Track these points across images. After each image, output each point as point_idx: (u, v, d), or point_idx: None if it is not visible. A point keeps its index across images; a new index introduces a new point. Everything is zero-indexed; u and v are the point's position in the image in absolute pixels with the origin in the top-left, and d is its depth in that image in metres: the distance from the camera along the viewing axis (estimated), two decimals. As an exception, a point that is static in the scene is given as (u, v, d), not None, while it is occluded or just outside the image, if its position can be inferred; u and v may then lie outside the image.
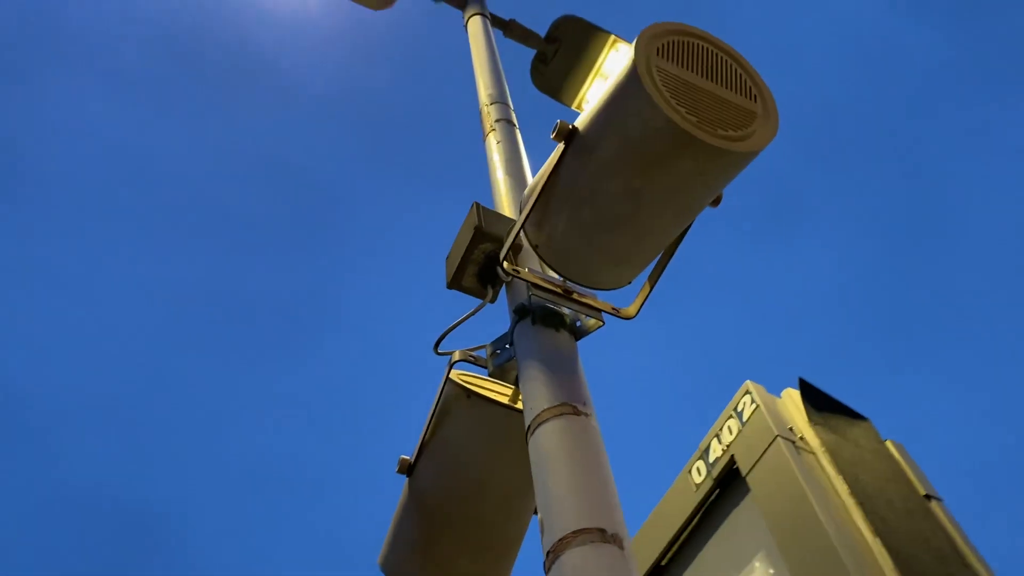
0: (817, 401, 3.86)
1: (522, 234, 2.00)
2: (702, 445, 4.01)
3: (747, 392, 3.88)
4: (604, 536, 1.54)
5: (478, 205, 2.37)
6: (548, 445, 1.68)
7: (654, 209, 1.83)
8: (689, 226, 1.97)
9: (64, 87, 20.63)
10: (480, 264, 2.18)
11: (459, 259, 2.27)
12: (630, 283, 2.07)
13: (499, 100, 3.32)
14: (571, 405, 1.75)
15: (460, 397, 2.11)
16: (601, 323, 2.05)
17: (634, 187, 1.79)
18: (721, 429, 3.93)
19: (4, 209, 20.45)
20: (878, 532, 3.25)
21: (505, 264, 2.02)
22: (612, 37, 4.63)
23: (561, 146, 1.88)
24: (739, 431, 3.82)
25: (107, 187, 21.39)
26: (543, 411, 1.76)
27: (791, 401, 3.89)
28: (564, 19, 4.66)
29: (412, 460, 2.20)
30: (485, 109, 3.28)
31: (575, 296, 2.04)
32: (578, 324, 2.07)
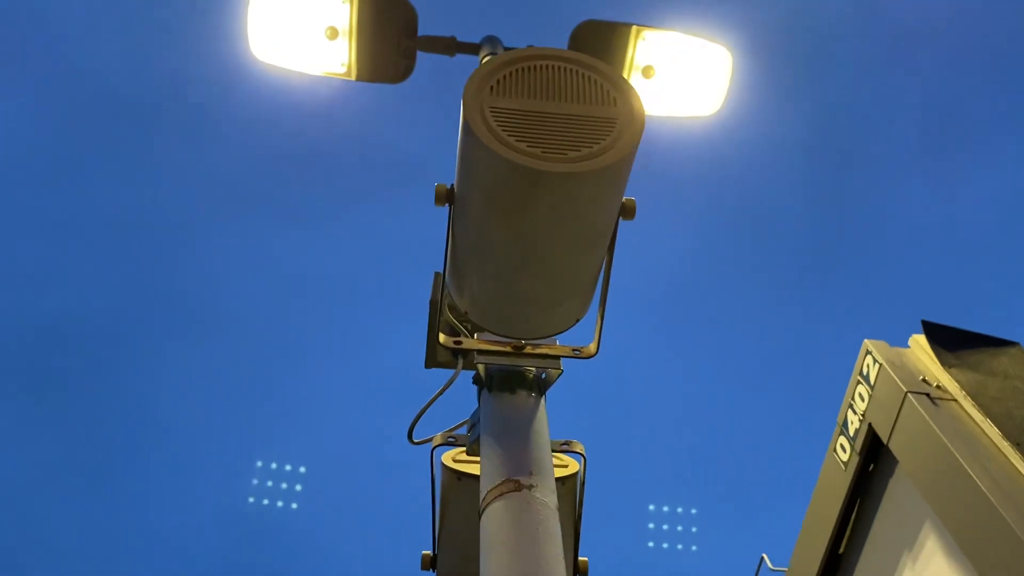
0: (948, 340, 3.47)
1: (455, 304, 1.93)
2: (839, 418, 3.69)
3: (867, 352, 3.55)
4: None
5: (437, 275, 2.31)
6: (490, 529, 1.59)
7: (548, 248, 1.70)
8: (612, 247, 1.82)
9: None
10: (450, 331, 2.12)
11: (428, 334, 2.21)
12: (582, 317, 1.93)
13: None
14: (514, 480, 1.64)
15: (452, 481, 2.04)
16: (560, 370, 1.93)
17: (515, 232, 1.68)
18: (853, 397, 3.61)
19: None
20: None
21: (441, 338, 1.94)
22: (634, 27, 4.43)
23: (448, 208, 1.80)
24: (870, 396, 3.49)
25: None
26: (487, 492, 1.66)
27: (920, 348, 3.52)
28: (580, 27, 4.51)
29: (433, 553, 2.14)
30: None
31: (527, 351, 1.93)
32: (543, 376, 1.95)
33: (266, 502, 19.64)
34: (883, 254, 21.01)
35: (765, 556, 4.39)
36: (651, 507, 20.11)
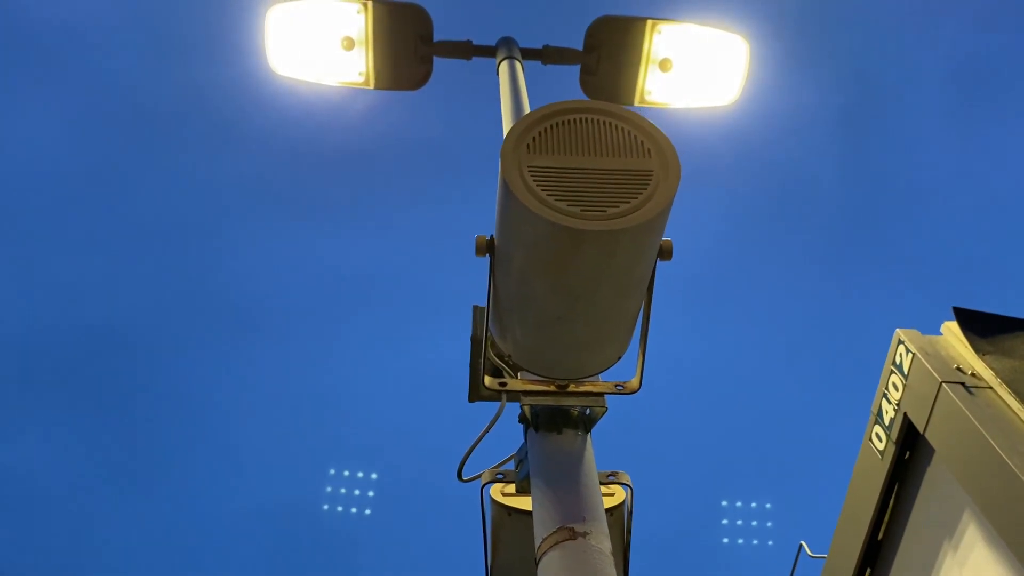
0: (981, 326, 3.47)
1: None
2: (873, 408, 3.71)
3: (900, 342, 3.55)
4: None
5: (477, 309, 2.34)
6: (549, 582, 1.63)
7: (590, 299, 1.73)
8: (651, 287, 1.84)
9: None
10: (492, 370, 2.15)
11: (470, 369, 2.25)
12: (623, 354, 1.96)
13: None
14: (568, 528, 1.68)
15: (503, 517, 2.09)
16: (604, 408, 1.96)
17: (557, 285, 1.70)
18: (887, 387, 3.62)
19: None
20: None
21: (486, 380, 1.98)
22: (650, 21, 4.41)
23: (489, 258, 1.83)
24: (904, 386, 3.50)
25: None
26: (543, 541, 1.70)
27: (953, 336, 3.52)
28: (596, 23, 4.50)
29: (488, 592, 2.19)
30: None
31: (571, 388, 1.96)
32: (588, 413, 1.99)
33: (340, 508, 19.75)
34: (918, 224, 20.78)
35: (804, 544, 4.43)
36: (724, 502, 20.08)
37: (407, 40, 4.43)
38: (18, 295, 19.89)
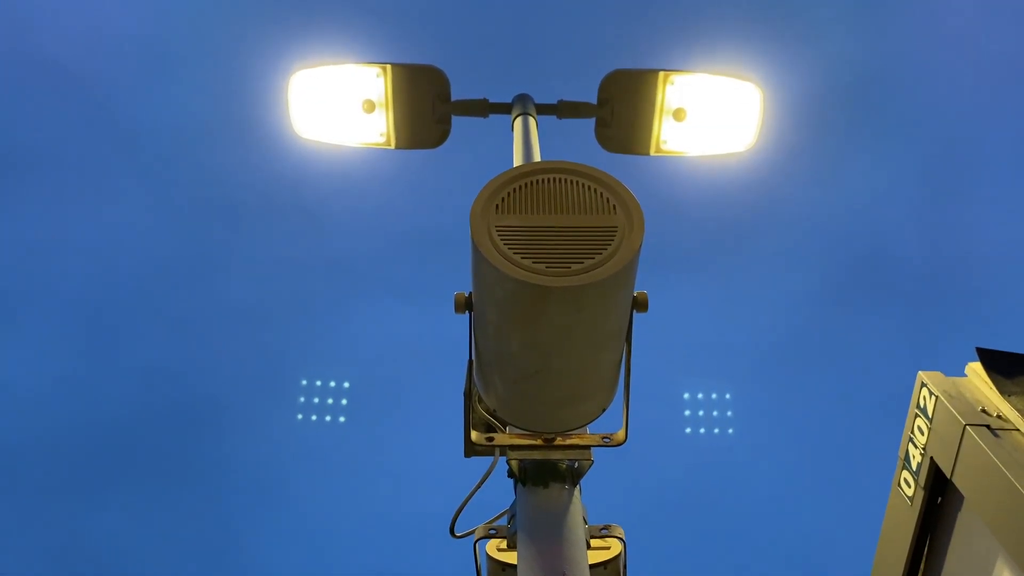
0: (1006, 367, 3.40)
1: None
2: (900, 452, 3.64)
3: (923, 384, 3.49)
4: None
5: (470, 362, 2.37)
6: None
7: (564, 354, 1.75)
8: (630, 337, 1.85)
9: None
10: (486, 424, 2.17)
11: (464, 427, 2.27)
12: (608, 406, 1.97)
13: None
14: (548, 586, 1.69)
15: (498, 572, 2.09)
16: (590, 461, 1.97)
17: (529, 341, 1.73)
18: (913, 431, 3.55)
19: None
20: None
21: (473, 435, 2.00)
22: (662, 73, 4.47)
23: (468, 315, 1.86)
24: (929, 430, 3.43)
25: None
26: None
27: (977, 377, 3.45)
28: (608, 77, 4.56)
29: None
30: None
31: (557, 443, 1.97)
32: (576, 466, 1.99)
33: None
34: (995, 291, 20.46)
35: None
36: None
37: (425, 101, 4.54)
38: (112, 374, 20.87)
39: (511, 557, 2.10)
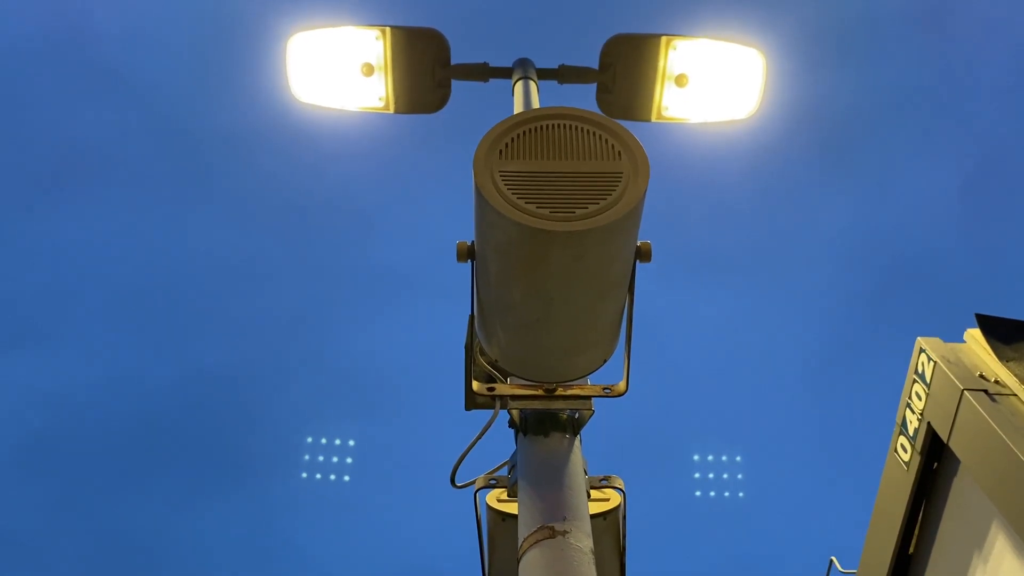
0: (1004, 333, 3.40)
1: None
2: (898, 418, 3.64)
3: (921, 350, 3.49)
4: None
5: (472, 317, 2.36)
6: (527, 579, 1.64)
7: (567, 301, 1.73)
8: (632, 288, 1.84)
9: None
10: (487, 376, 2.16)
11: (464, 379, 2.26)
12: (609, 357, 1.96)
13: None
14: (548, 527, 1.68)
15: (497, 521, 2.09)
16: (591, 411, 1.96)
17: (531, 288, 1.72)
18: (910, 396, 3.55)
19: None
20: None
21: (475, 385, 1.99)
22: (664, 38, 4.42)
23: (470, 264, 1.85)
24: (927, 395, 3.43)
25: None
26: (524, 540, 1.70)
27: (976, 343, 3.45)
28: (611, 41, 4.51)
29: (485, 596, 2.19)
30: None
31: (558, 393, 1.96)
32: (576, 416, 1.99)
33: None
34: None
35: (834, 559, 4.34)
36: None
37: (425, 64, 4.49)
38: (175, 374, 21.47)
39: (511, 507, 2.10)
